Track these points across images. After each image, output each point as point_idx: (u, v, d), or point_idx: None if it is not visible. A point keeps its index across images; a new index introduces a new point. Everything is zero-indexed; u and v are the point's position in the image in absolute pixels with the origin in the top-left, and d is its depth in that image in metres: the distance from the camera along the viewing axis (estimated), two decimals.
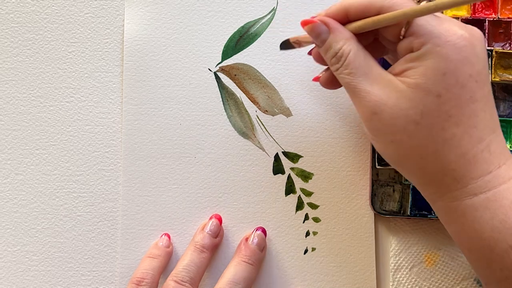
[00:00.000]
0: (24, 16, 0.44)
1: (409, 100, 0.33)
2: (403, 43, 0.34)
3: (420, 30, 0.33)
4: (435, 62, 0.33)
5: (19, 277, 0.43)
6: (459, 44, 0.33)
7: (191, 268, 0.40)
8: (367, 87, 0.34)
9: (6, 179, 0.43)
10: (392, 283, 0.43)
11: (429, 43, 0.33)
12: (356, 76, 0.35)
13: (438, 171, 0.34)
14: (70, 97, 0.44)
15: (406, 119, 0.33)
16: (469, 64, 0.33)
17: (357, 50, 0.35)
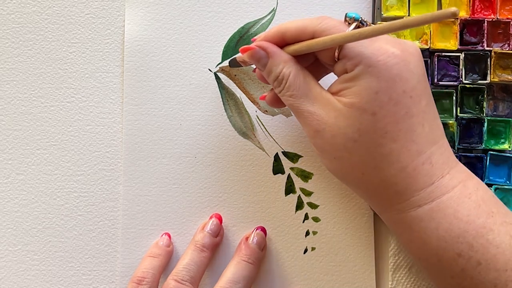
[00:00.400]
0: (25, 16, 0.44)
1: (346, 119, 0.34)
2: (338, 65, 0.35)
3: (352, 52, 0.34)
4: (367, 81, 0.33)
5: (20, 276, 0.43)
6: (390, 62, 0.33)
7: (191, 267, 0.40)
8: (309, 108, 0.36)
9: (7, 179, 0.43)
10: (391, 282, 0.43)
11: (361, 64, 0.34)
12: (298, 98, 0.36)
13: (380, 185, 0.35)
14: (71, 97, 0.44)
15: (344, 137, 0.34)
16: (402, 81, 0.33)
17: (297, 72, 0.36)
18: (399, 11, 0.43)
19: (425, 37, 0.43)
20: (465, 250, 0.34)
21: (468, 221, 0.34)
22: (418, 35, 0.43)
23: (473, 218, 0.34)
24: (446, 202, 0.34)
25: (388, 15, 0.43)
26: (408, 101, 0.34)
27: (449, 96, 0.42)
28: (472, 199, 0.34)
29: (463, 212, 0.34)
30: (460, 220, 0.34)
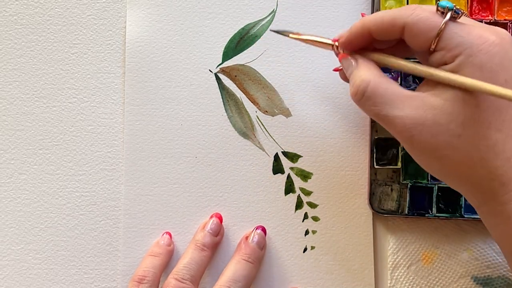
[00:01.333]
0: (27, 18, 0.44)
1: (448, 115, 0.33)
2: (435, 56, 0.34)
3: (451, 43, 0.33)
4: (470, 72, 0.32)
5: (23, 275, 0.43)
6: (492, 51, 0.32)
7: (192, 266, 0.40)
8: (398, 113, 0.34)
9: (10, 179, 0.44)
10: (390, 281, 0.43)
11: (462, 54, 0.32)
12: (383, 106, 0.34)
13: (485, 178, 0.34)
14: (73, 98, 0.44)
15: (448, 134, 0.33)
16: (504, 70, 0.32)
17: (379, 80, 0.35)
18: None
19: None
20: None
21: None
22: None
23: None
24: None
25: None
26: None
27: None
28: None
29: None
30: None
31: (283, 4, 0.44)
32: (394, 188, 0.43)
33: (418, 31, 0.34)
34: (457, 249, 0.43)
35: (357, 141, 0.44)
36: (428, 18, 0.33)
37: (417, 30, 0.34)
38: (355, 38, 0.36)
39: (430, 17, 0.33)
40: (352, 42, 0.37)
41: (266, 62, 0.44)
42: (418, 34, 0.34)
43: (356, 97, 0.35)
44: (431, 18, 0.33)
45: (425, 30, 0.33)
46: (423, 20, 0.33)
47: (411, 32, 0.34)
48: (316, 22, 0.44)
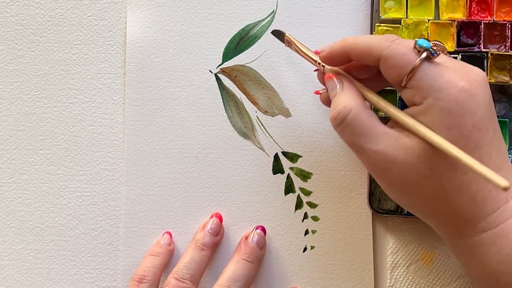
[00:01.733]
0: (28, 18, 0.45)
1: (418, 156, 0.34)
2: (405, 93, 0.35)
3: (421, 84, 0.34)
4: (438, 117, 0.33)
5: (24, 274, 0.43)
6: (460, 97, 0.33)
7: (192, 266, 0.41)
8: (373, 147, 0.35)
9: (11, 179, 0.44)
10: (389, 280, 0.44)
11: (431, 97, 0.33)
12: (359, 137, 0.35)
13: (450, 215, 0.35)
14: (74, 98, 0.44)
15: (416, 173, 0.34)
16: (471, 115, 0.33)
17: (361, 110, 0.35)
18: (397, 13, 0.43)
19: None
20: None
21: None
22: (415, 36, 0.43)
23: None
24: (509, 227, 0.34)
25: (386, 17, 0.43)
26: (477, 134, 0.34)
27: None
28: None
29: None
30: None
31: (282, 5, 0.45)
32: None
33: (392, 65, 0.34)
34: None
35: None
36: (403, 54, 0.34)
37: (391, 64, 0.34)
38: (335, 55, 0.37)
39: (406, 53, 0.34)
40: (332, 58, 0.37)
41: (266, 63, 0.45)
42: (392, 68, 0.34)
43: (335, 122, 0.36)
44: (407, 54, 0.34)
45: (399, 66, 0.34)
46: (399, 55, 0.34)
47: (385, 64, 0.35)
48: (316, 23, 0.45)
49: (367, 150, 0.35)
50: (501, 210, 0.34)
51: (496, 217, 0.34)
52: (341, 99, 0.36)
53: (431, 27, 0.43)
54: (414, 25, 0.43)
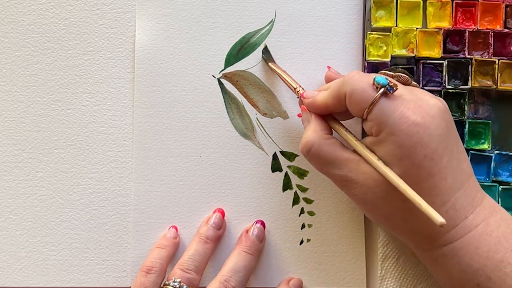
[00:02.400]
0: (44, 27, 0.45)
1: (374, 180, 0.36)
2: (366, 125, 0.37)
3: (378, 118, 0.35)
4: (391, 149, 0.35)
5: (39, 265, 0.44)
6: (411, 131, 0.34)
7: (196, 258, 0.41)
8: (337, 172, 0.38)
9: (28, 176, 0.44)
10: (380, 271, 0.44)
11: (384, 131, 0.35)
12: (324, 165, 0.38)
13: (410, 232, 0.37)
14: (86, 101, 0.45)
15: (373, 195, 0.36)
16: (423, 147, 0.34)
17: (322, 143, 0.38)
18: (388, 22, 0.44)
19: (411, 46, 0.44)
20: (483, 282, 0.35)
21: (487, 256, 0.35)
22: (404, 44, 0.44)
23: (492, 254, 0.35)
24: (468, 240, 0.35)
25: (378, 26, 0.44)
26: (429, 163, 0.35)
27: None
28: (493, 235, 0.35)
29: (483, 249, 0.35)
30: (480, 255, 0.35)
31: (281, 14, 0.45)
32: None
33: (354, 101, 0.36)
34: None
35: None
36: (363, 91, 0.36)
37: (353, 100, 0.36)
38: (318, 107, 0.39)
39: (366, 89, 0.36)
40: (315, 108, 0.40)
41: (266, 68, 0.45)
42: (354, 103, 0.36)
43: (303, 153, 0.39)
44: (366, 91, 0.36)
45: (359, 101, 0.36)
46: (359, 92, 0.36)
47: (349, 100, 0.37)
48: (312, 31, 0.45)
49: (332, 174, 0.38)
50: (460, 226, 0.36)
51: (455, 233, 0.36)
52: (306, 134, 0.38)
53: (419, 35, 0.44)
54: (403, 33, 0.44)
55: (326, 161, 0.38)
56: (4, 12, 0.45)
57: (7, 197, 0.45)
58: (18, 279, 0.44)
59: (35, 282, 0.44)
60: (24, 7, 0.45)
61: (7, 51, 0.45)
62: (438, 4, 0.44)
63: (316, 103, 0.39)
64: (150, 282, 0.41)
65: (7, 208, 0.45)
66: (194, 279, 0.41)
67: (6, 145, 0.45)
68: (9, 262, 0.44)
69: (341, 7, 0.45)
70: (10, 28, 0.45)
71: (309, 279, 0.44)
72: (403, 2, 0.45)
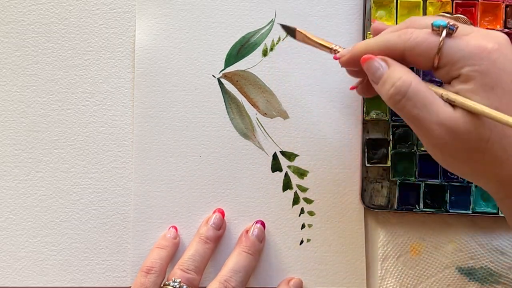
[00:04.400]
0: (44, 27, 0.45)
1: (476, 120, 0.33)
2: (441, 72, 0.34)
3: (452, 58, 0.33)
4: (481, 79, 0.33)
5: (39, 265, 0.44)
6: (492, 57, 0.33)
7: (196, 258, 0.41)
8: (435, 119, 0.33)
9: (27, 176, 0.45)
10: (380, 271, 0.44)
11: (466, 66, 0.33)
12: (422, 108, 0.34)
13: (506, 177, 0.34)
14: (86, 101, 0.45)
15: (477, 138, 0.33)
16: (507, 73, 0.33)
17: (419, 81, 0.34)
18: (388, 22, 0.44)
19: None
20: None
21: None
22: None
23: None
24: None
25: None
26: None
27: None
28: None
29: None
30: None
31: (281, 14, 0.45)
32: (384, 185, 0.45)
33: (419, 53, 0.34)
34: (443, 242, 0.44)
35: (349, 141, 0.45)
36: (425, 40, 0.34)
37: (418, 53, 0.34)
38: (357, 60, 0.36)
39: (427, 37, 0.34)
40: (353, 63, 0.37)
41: (266, 68, 0.45)
42: (419, 56, 0.34)
43: (396, 98, 0.34)
44: (429, 38, 0.34)
45: (425, 51, 0.34)
46: (421, 42, 0.34)
47: (412, 55, 0.34)
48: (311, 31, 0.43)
49: (429, 122, 0.34)
50: None
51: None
52: (396, 74, 0.34)
53: None
54: None
55: (424, 104, 0.34)
56: (4, 12, 0.45)
57: (7, 197, 0.45)
58: (18, 279, 0.44)
59: (35, 282, 0.44)
60: (24, 7, 0.46)
61: (7, 51, 0.45)
62: (438, 4, 0.45)
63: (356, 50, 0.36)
64: (150, 282, 0.41)
65: (7, 208, 0.45)
66: (194, 279, 0.41)
67: (6, 145, 0.45)
68: (9, 262, 0.44)
69: (341, 7, 0.46)
70: (10, 28, 0.45)
71: (309, 279, 0.44)
72: (403, 2, 0.45)
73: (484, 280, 0.44)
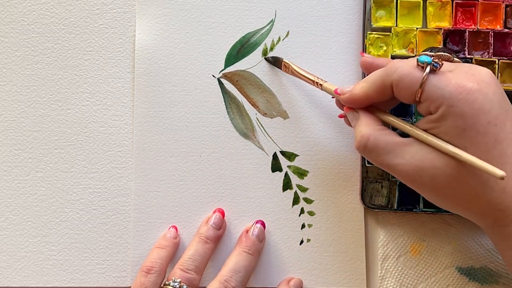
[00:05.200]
0: (44, 27, 0.45)
1: (442, 159, 0.34)
2: (421, 107, 0.36)
3: (432, 95, 0.34)
4: (453, 121, 0.34)
5: (39, 265, 0.44)
6: (470, 99, 0.33)
7: (196, 258, 0.42)
8: (400, 161, 0.36)
9: (28, 176, 0.45)
10: (380, 271, 0.44)
11: (443, 105, 0.34)
12: (385, 156, 0.36)
13: (484, 208, 0.35)
14: (86, 101, 0.45)
15: (444, 176, 0.35)
16: (485, 113, 0.34)
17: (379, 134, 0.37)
18: (388, 22, 0.44)
19: (411, 46, 0.44)
20: None
21: None
22: (405, 44, 0.44)
23: None
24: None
25: (378, 26, 0.44)
26: (494, 130, 0.34)
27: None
28: None
29: None
30: None
31: (281, 14, 0.45)
32: (384, 185, 0.45)
33: (403, 87, 0.35)
34: (443, 242, 0.44)
35: (349, 141, 0.45)
36: (409, 74, 0.35)
37: (402, 86, 0.35)
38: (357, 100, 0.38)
39: (412, 72, 0.35)
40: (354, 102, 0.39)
41: (266, 68, 0.45)
42: (403, 90, 0.36)
43: (359, 150, 0.38)
44: (413, 73, 0.35)
45: (409, 85, 0.35)
46: (405, 76, 0.35)
47: (397, 88, 0.36)
48: (312, 31, 0.45)
49: (395, 165, 0.36)
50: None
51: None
52: (358, 129, 0.38)
53: (419, 35, 0.44)
54: (403, 33, 0.44)
55: (387, 151, 0.36)
56: (4, 12, 0.46)
57: (7, 197, 0.45)
58: (18, 279, 0.44)
59: (35, 282, 0.44)
60: (24, 7, 0.46)
61: (7, 51, 0.45)
62: (438, 4, 0.45)
63: (356, 96, 0.38)
64: (150, 282, 0.41)
65: (7, 208, 0.45)
66: (194, 279, 0.41)
67: (6, 145, 0.45)
68: (9, 262, 0.44)
69: (341, 7, 0.46)
70: (10, 28, 0.45)
71: (309, 279, 0.44)
72: (403, 2, 0.45)
73: (484, 280, 0.44)
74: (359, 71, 0.45)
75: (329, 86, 0.41)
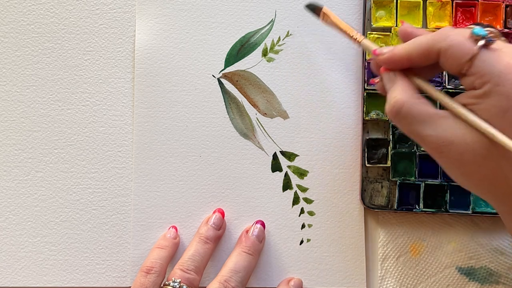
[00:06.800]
0: (44, 27, 0.45)
1: (475, 136, 0.33)
2: (465, 80, 0.34)
3: (481, 70, 0.33)
4: (497, 100, 0.32)
5: (39, 265, 0.44)
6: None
7: (196, 258, 0.42)
8: (430, 132, 0.34)
9: (27, 176, 0.45)
10: (380, 271, 0.44)
11: (490, 82, 0.33)
12: (416, 125, 0.35)
13: (508, 193, 0.34)
14: (86, 101, 0.45)
15: (473, 153, 0.33)
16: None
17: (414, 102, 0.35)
18: (388, 22, 0.45)
19: None
20: None
21: None
22: None
23: None
24: None
25: (378, 26, 0.45)
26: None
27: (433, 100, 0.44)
28: None
29: None
30: None
31: (281, 14, 0.46)
32: (384, 185, 0.45)
33: (451, 55, 0.34)
34: (443, 242, 0.45)
35: (349, 141, 0.45)
36: (461, 44, 0.34)
37: (450, 55, 0.34)
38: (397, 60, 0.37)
39: (464, 43, 0.34)
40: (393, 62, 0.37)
41: (266, 68, 0.45)
42: (451, 59, 0.34)
43: (391, 115, 0.36)
44: (465, 44, 0.34)
45: (458, 56, 0.34)
46: (456, 45, 0.34)
47: (445, 56, 0.34)
48: (311, 31, 0.45)
49: (425, 136, 0.35)
50: None
51: None
52: (393, 94, 0.36)
53: None
54: None
55: (419, 120, 0.35)
56: (4, 12, 0.46)
57: (7, 197, 0.45)
58: (18, 279, 0.44)
59: (35, 282, 0.44)
60: (24, 7, 0.46)
61: (7, 51, 0.45)
62: (438, 4, 0.45)
63: (397, 55, 0.37)
64: (150, 282, 0.41)
65: (7, 208, 0.45)
66: (194, 279, 0.41)
67: (6, 145, 0.45)
68: (9, 262, 0.44)
69: (341, 7, 0.46)
70: (10, 28, 0.46)
71: (309, 279, 0.44)
72: (403, 2, 0.45)
73: (484, 280, 0.44)
74: (359, 71, 0.46)
75: (369, 43, 0.39)
